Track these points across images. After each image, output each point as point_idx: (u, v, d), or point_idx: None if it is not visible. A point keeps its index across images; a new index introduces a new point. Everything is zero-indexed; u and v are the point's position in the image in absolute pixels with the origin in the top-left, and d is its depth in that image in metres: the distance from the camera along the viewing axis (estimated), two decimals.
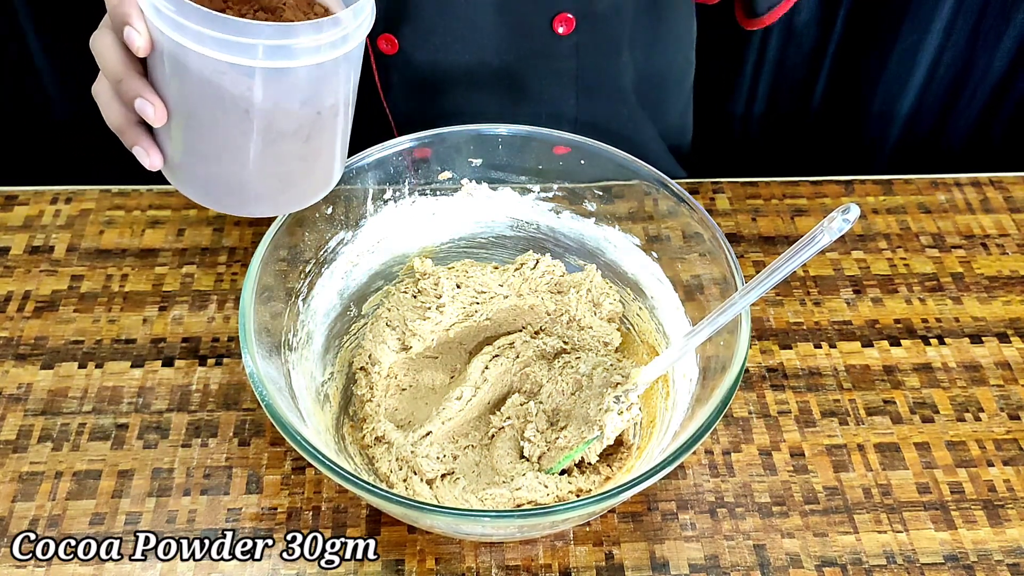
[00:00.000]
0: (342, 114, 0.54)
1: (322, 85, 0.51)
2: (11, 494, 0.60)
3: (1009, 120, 1.19)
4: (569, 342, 0.66)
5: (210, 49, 0.46)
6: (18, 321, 0.71)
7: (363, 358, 0.64)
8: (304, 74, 0.49)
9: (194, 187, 0.54)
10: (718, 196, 0.83)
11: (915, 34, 1.09)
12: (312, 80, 0.50)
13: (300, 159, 0.54)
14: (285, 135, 0.52)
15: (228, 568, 0.57)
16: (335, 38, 0.49)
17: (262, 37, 0.46)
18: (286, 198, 0.57)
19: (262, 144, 0.51)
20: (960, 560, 0.59)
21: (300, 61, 0.48)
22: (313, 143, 0.54)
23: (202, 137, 0.51)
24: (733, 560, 0.58)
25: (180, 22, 0.46)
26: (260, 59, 0.47)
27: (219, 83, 0.48)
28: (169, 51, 0.48)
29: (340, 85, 0.52)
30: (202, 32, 0.46)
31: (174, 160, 0.53)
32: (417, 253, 0.69)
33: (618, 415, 0.58)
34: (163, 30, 0.47)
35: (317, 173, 0.56)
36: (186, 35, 0.46)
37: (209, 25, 0.46)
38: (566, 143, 0.65)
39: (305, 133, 0.53)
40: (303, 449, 0.49)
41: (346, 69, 0.52)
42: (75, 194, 0.81)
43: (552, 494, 0.57)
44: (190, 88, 0.49)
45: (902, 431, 0.66)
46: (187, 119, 0.51)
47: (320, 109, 0.52)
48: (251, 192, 0.54)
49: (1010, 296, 0.75)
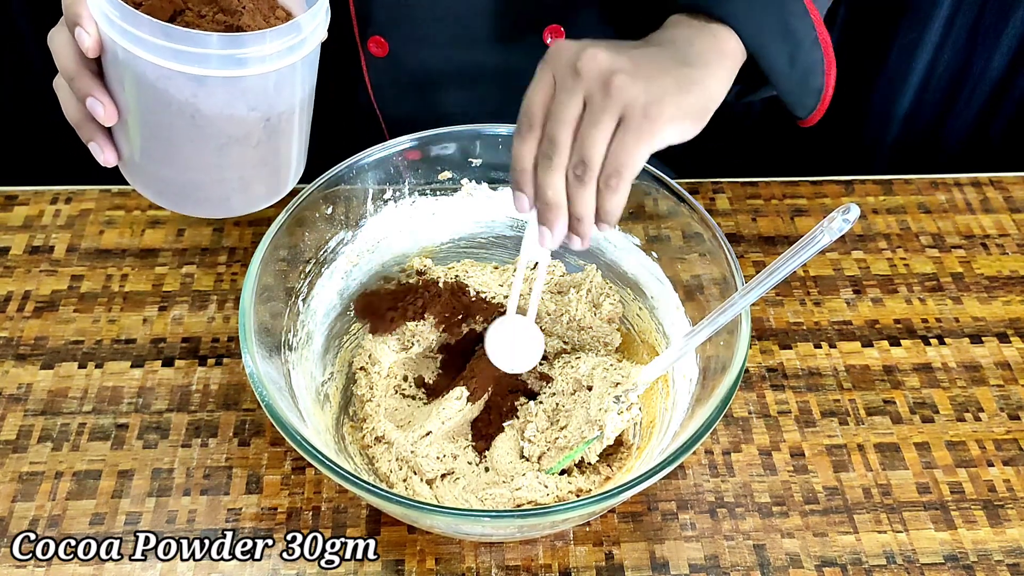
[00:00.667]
0: (296, 118, 0.54)
1: (273, 92, 0.51)
2: (11, 494, 0.60)
3: (1008, 120, 1.19)
4: (569, 342, 0.66)
5: (155, 56, 0.46)
6: (18, 321, 0.71)
7: (363, 358, 0.64)
8: (252, 82, 0.49)
9: (148, 188, 0.54)
10: (718, 196, 0.83)
11: (914, 33, 1.09)
12: (261, 88, 0.50)
13: (252, 164, 0.54)
14: (234, 141, 0.52)
15: (228, 568, 0.57)
16: (285, 47, 0.49)
17: (209, 47, 0.46)
18: (240, 200, 0.56)
19: (211, 149, 0.51)
20: (960, 560, 0.59)
21: (249, 70, 0.48)
22: (265, 148, 0.54)
23: (152, 140, 0.52)
24: (733, 560, 0.58)
25: (125, 28, 0.46)
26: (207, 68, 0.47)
27: (165, 88, 0.48)
28: (115, 54, 0.48)
29: (293, 91, 0.52)
30: (147, 39, 0.46)
31: (129, 159, 0.53)
32: (417, 253, 0.69)
33: (618, 415, 0.58)
34: (110, 35, 0.47)
35: (272, 176, 0.55)
36: (130, 40, 0.46)
37: (153, 32, 0.46)
38: None
39: (255, 139, 0.53)
40: (303, 449, 0.49)
41: (299, 75, 0.52)
42: (75, 194, 0.81)
43: (552, 494, 0.57)
44: (137, 91, 0.49)
45: (902, 431, 0.66)
46: (138, 123, 0.51)
47: (270, 116, 0.52)
48: (204, 195, 0.54)
49: (1010, 296, 0.75)
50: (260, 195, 0.56)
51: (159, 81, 0.48)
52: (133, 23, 0.46)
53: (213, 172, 0.51)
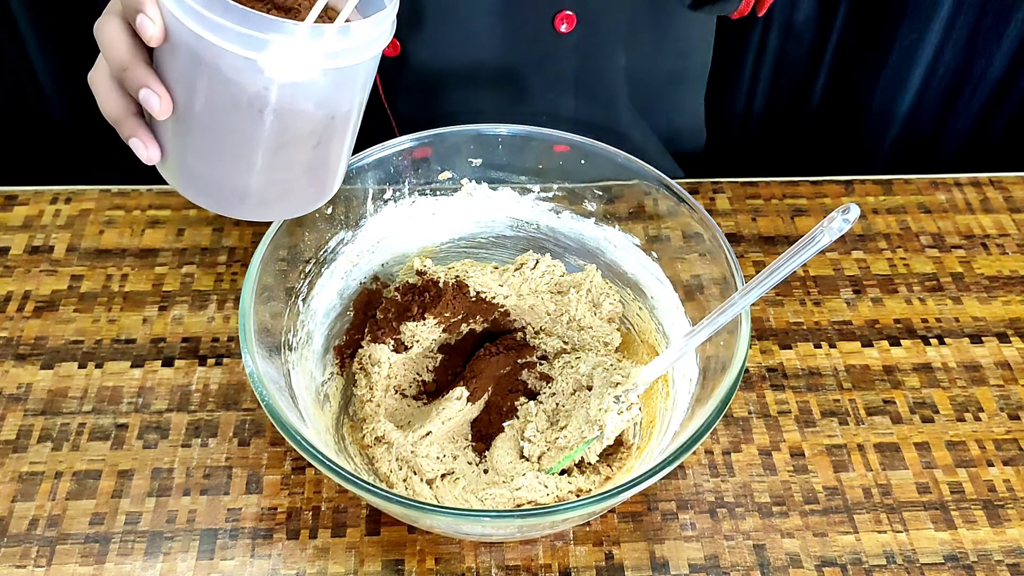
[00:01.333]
0: (353, 121, 0.53)
1: (340, 89, 0.50)
2: (11, 494, 0.60)
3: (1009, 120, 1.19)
4: (569, 342, 0.66)
5: (232, 44, 0.44)
6: (18, 321, 0.71)
7: (363, 358, 0.64)
8: (325, 77, 0.48)
9: (192, 187, 0.52)
10: (718, 196, 0.83)
11: (914, 33, 1.09)
12: (331, 84, 0.49)
13: (306, 166, 0.53)
14: (296, 140, 0.50)
15: (228, 568, 0.57)
16: (362, 43, 0.48)
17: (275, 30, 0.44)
18: (284, 206, 0.55)
19: (271, 148, 0.49)
20: (960, 560, 0.59)
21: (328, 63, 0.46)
22: (322, 150, 0.52)
23: (208, 136, 0.49)
24: (733, 560, 0.58)
25: (202, 13, 0.44)
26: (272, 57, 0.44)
27: (237, 80, 0.46)
28: (185, 43, 0.46)
29: (357, 91, 0.51)
30: (225, 26, 0.43)
31: (173, 157, 0.51)
32: (417, 253, 0.69)
33: (618, 415, 0.58)
34: (183, 20, 0.44)
35: (319, 182, 0.54)
36: (207, 27, 0.44)
37: (233, 19, 0.43)
38: (566, 143, 0.65)
39: (316, 138, 0.51)
40: (303, 449, 0.49)
41: (364, 75, 0.51)
42: (75, 194, 0.81)
43: (552, 494, 0.57)
44: (203, 83, 0.47)
45: (902, 431, 0.66)
46: (194, 116, 0.49)
47: (335, 114, 0.51)
48: (250, 197, 0.52)
49: (1010, 296, 0.75)
50: (306, 200, 0.55)
51: (234, 72, 0.45)
52: (211, 7, 0.43)
53: (267, 173, 0.49)
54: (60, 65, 1.09)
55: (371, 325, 0.65)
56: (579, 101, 0.81)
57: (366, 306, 0.67)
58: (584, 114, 0.81)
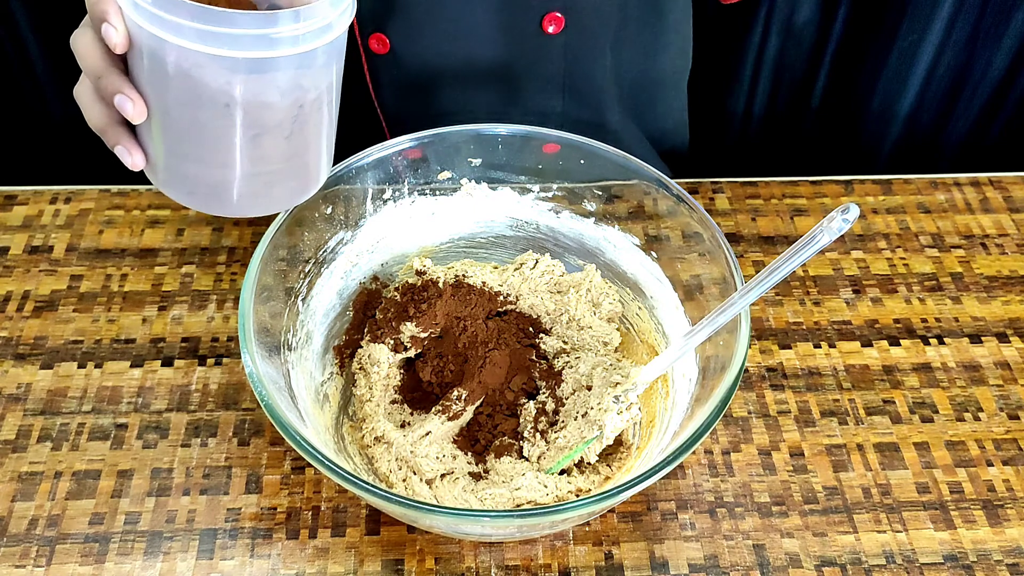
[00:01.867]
0: (326, 109, 0.53)
1: (304, 76, 0.50)
2: (10, 494, 0.60)
3: (1009, 120, 1.19)
4: (569, 342, 0.66)
5: (188, 41, 0.45)
6: (17, 321, 0.71)
7: (362, 358, 0.64)
8: (285, 64, 0.48)
9: (178, 188, 0.53)
10: (718, 196, 0.83)
11: (915, 33, 1.09)
12: (294, 71, 0.49)
13: (284, 157, 0.53)
14: (267, 131, 0.50)
15: (228, 568, 0.57)
16: (317, 27, 0.48)
17: (242, 27, 0.45)
18: (271, 199, 0.55)
19: (244, 141, 0.50)
20: (959, 560, 0.59)
21: (281, 51, 0.47)
22: (296, 140, 0.52)
23: (183, 135, 0.50)
24: (732, 560, 0.58)
25: (157, 14, 0.45)
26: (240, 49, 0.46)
27: (199, 77, 0.47)
28: (147, 46, 0.47)
29: (322, 76, 0.51)
30: (180, 23, 0.45)
31: (157, 160, 0.52)
32: (417, 253, 0.69)
33: (618, 415, 0.58)
34: (140, 24, 0.46)
35: (302, 172, 0.54)
36: (163, 27, 0.45)
37: (186, 16, 0.45)
38: (566, 143, 0.65)
39: (287, 128, 0.51)
40: (302, 449, 0.49)
41: (328, 59, 0.51)
42: (74, 194, 0.81)
43: (552, 494, 0.57)
44: (169, 83, 0.48)
45: (901, 431, 0.66)
46: (167, 117, 0.50)
47: (303, 102, 0.51)
48: (235, 192, 0.53)
49: (1009, 296, 0.75)
50: (291, 192, 0.55)
51: (193, 69, 0.47)
52: (164, 7, 0.45)
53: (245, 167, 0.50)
54: (60, 65, 1.09)
55: (370, 325, 0.65)
56: (568, 101, 0.81)
57: (366, 306, 0.67)
58: (573, 114, 0.82)
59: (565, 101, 0.81)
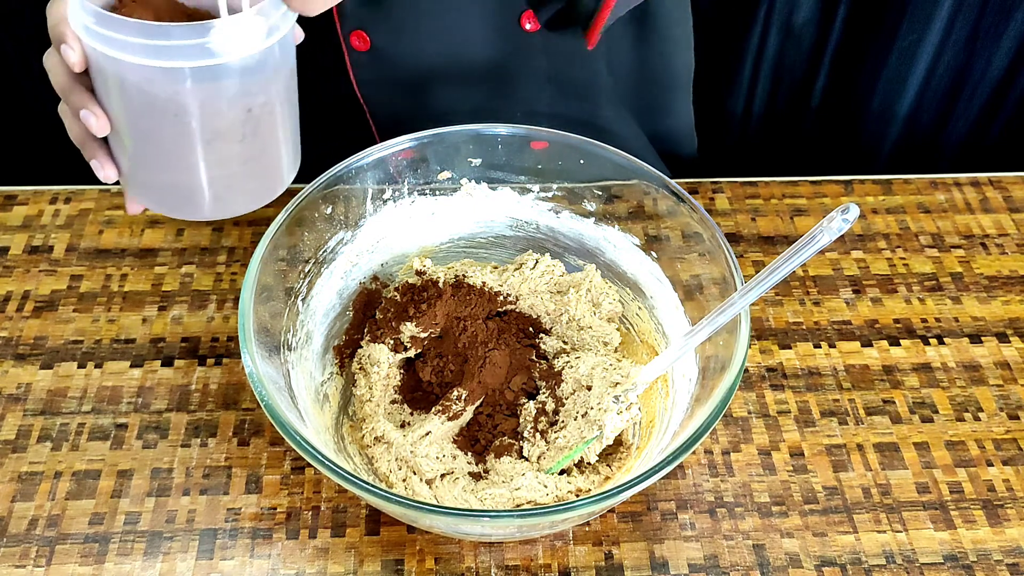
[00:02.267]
0: (279, 111, 0.54)
1: (250, 82, 0.51)
2: (10, 494, 0.60)
3: (1009, 120, 1.19)
4: (569, 342, 0.66)
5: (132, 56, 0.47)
6: (17, 321, 0.71)
7: (362, 358, 0.64)
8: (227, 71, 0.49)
9: (148, 196, 0.55)
10: (718, 196, 0.83)
11: (914, 33, 1.09)
12: (238, 77, 0.50)
13: (241, 160, 0.54)
14: (220, 136, 0.52)
15: (228, 568, 0.57)
16: (255, 33, 0.49)
17: (177, 38, 0.47)
18: (237, 201, 0.56)
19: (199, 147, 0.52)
20: (959, 560, 0.59)
21: (219, 59, 0.48)
22: (251, 143, 0.54)
23: (144, 145, 0.53)
24: (732, 560, 0.58)
25: (101, 33, 0.47)
26: (179, 60, 0.47)
27: (148, 89, 0.49)
28: (100, 63, 0.50)
29: (270, 80, 0.52)
30: (122, 40, 0.47)
31: (126, 171, 0.55)
32: (416, 253, 0.69)
33: (617, 415, 0.58)
34: (90, 43, 0.48)
35: (262, 173, 0.55)
36: (109, 45, 0.47)
37: (126, 32, 0.47)
38: (566, 142, 0.65)
39: (239, 133, 0.53)
40: (302, 449, 0.49)
41: (275, 63, 0.52)
42: (74, 194, 0.81)
43: (551, 494, 0.57)
44: (123, 97, 0.50)
45: (901, 431, 0.66)
46: (128, 128, 0.52)
47: (251, 106, 0.52)
48: (201, 197, 0.54)
49: (1009, 296, 0.75)
50: (255, 194, 0.56)
51: (141, 82, 0.49)
52: (106, 25, 0.47)
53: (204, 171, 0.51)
54: None
55: (370, 325, 0.65)
56: (555, 98, 0.80)
57: (365, 306, 0.67)
58: (563, 111, 0.81)
59: (553, 98, 0.80)
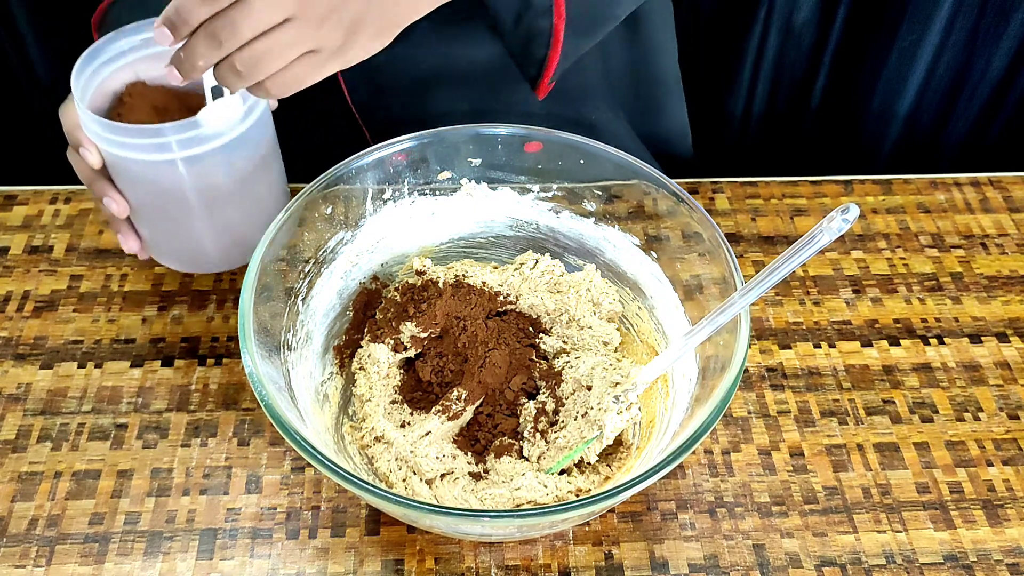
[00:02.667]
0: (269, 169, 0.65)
1: (237, 156, 0.61)
2: (10, 494, 0.60)
3: (1009, 120, 1.19)
4: (569, 342, 0.66)
5: (135, 153, 0.57)
6: (17, 321, 0.71)
7: (362, 358, 0.64)
8: (216, 153, 0.60)
9: (167, 258, 0.66)
10: (717, 196, 0.83)
11: (914, 33, 1.09)
12: (226, 155, 0.61)
13: (242, 220, 0.66)
14: (218, 203, 0.62)
15: (227, 568, 0.57)
16: (235, 116, 0.59)
17: (170, 134, 0.56)
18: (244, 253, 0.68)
19: (204, 217, 0.61)
20: (959, 560, 0.59)
21: (208, 145, 0.58)
22: (246, 204, 0.65)
23: (157, 219, 0.63)
24: (732, 560, 0.58)
25: (110, 138, 0.57)
26: (174, 152, 0.57)
27: (152, 177, 0.59)
28: (111, 159, 0.60)
29: (254, 150, 0.62)
30: (125, 142, 0.57)
31: (147, 239, 0.66)
32: (416, 253, 0.69)
33: (617, 415, 0.58)
34: (104, 147, 0.58)
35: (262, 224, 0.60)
36: (117, 147, 0.57)
37: (128, 135, 0.56)
38: (566, 142, 0.65)
39: (237, 198, 0.63)
40: (302, 449, 0.49)
41: (254, 137, 0.62)
42: (74, 194, 0.81)
43: (551, 494, 0.57)
44: (134, 184, 0.61)
45: (901, 431, 0.66)
46: (143, 207, 0.63)
47: (241, 175, 0.62)
48: (212, 255, 0.65)
49: (1009, 296, 0.75)
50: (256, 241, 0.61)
51: (145, 171, 0.58)
52: (111, 131, 0.57)
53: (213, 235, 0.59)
54: (60, 65, 1.09)
55: (370, 325, 0.65)
56: (549, 100, 0.80)
57: (365, 306, 0.67)
58: (556, 112, 0.81)
59: (547, 101, 0.80)
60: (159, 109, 0.63)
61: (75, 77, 0.61)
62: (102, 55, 0.61)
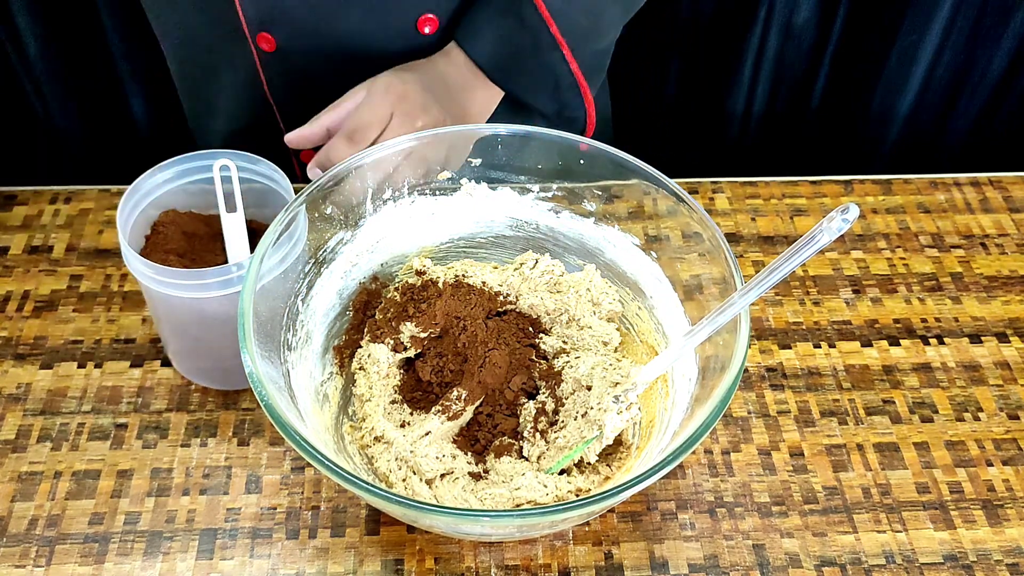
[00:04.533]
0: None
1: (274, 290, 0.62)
2: (10, 494, 0.60)
3: (1009, 120, 1.19)
4: (569, 342, 0.66)
5: (172, 291, 0.60)
6: (17, 321, 0.71)
7: (362, 358, 0.64)
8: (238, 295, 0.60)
9: (194, 375, 0.67)
10: (717, 196, 0.83)
11: (914, 33, 1.09)
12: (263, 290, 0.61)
13: None
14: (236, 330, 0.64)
15: (227, 568, 0.57)
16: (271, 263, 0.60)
17: (209, 277, 0.59)
18: None
19: (225, 339, 0.61)
20: (959, 560, 0.59)
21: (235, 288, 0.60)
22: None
23: (183, 341, 0.65)
24: (732, 560, 0.58)
25: (153, 277, 0.59)
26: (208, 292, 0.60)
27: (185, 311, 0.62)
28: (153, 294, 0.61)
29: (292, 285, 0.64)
30: (166, 282, 0.59)
31: (174, 358, 0.68)
32: (416, 253, 0.69)
33: (617, 415, 0.58)
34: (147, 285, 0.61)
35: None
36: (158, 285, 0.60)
37: (172, 276, 0.59)
38: (566, 142, 0.65)
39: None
40: (302, 449, 0.49)
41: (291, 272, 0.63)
42: (74, 194, 0.81)
43: (551, 494, 0.57)
44: (169, 312, 0.63)
45: (901, 431, 0.66)
46: (173, 333, 0.65)
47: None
48: (232, 372, 0.65)
49: (1009, 296, 0.75)
50: None
51: (184, 307, 0.61)
52: (156, 272, 0.59)
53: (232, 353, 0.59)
54: (60, 66, 1.09)
55: (370, 325, 0.65)
56: None
57: (365, 306, 0.67)
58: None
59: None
60: (188, 234, 0.67)
61: (119, 214, 0.65)
62: (140, 190, 0.66)
